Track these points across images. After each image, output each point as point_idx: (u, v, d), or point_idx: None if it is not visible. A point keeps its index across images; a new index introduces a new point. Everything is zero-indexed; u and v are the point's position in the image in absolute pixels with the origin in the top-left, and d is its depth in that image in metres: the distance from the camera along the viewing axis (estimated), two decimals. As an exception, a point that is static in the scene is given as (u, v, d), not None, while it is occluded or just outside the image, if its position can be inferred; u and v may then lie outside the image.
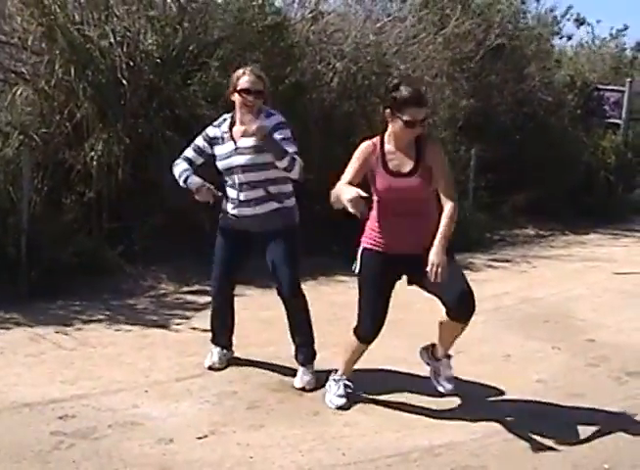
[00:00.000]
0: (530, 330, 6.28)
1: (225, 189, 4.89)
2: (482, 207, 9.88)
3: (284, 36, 7.99)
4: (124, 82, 7.06)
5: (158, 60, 7.27)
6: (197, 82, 7.37)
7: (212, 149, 4.88)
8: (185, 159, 4.96)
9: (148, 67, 7.23)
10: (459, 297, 4.25)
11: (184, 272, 7.17)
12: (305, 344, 4.96)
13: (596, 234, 10.79)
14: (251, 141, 4.69)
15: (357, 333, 4.57)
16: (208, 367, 5.06)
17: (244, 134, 4.66)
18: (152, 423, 4.31)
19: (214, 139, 4.87)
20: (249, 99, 4.72)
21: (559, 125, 11.65)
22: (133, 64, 7.13)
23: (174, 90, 7.30)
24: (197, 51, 7.56)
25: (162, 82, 7.26)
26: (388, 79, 9.00)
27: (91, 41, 7.00)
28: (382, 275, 4.43)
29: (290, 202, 4.86)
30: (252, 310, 5.88)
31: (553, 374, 5.33)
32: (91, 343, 5.51)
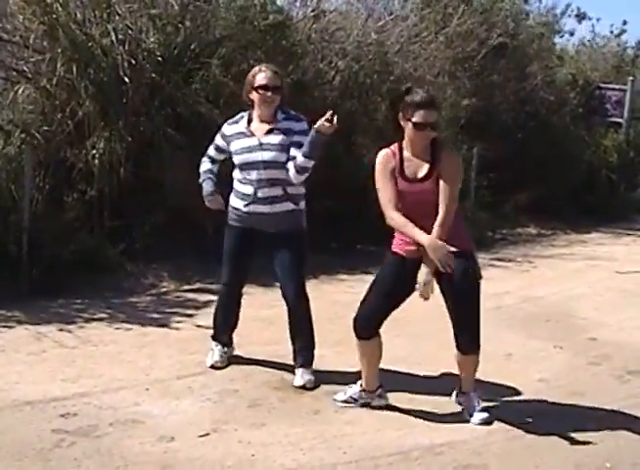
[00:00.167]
0: (532, 329, 6.27)
1: (237, 185, 4.88)
2: (484, 205, 9.88)
3: (286, 35, 7.98)
4: (126, 81, 7.06)
5: (159, 58, 7.27)
6: (198, 81, 7.37)
7: (229, 146, 4.88)
8: (208, 157, 5.07)
9: (150, 65, 7.23)
10: (464, 328, 4.38)
11: (185, 270, 7.17)
12: (306, 347, 4.94)
13: (598, 233, 10.78)
14: (277, 138, 4.71)
15: (354, 324, 4.52)
16: (210, 366, 5.06)
17: (269, 133, 4.70)
18: (153, 421, 4.31)
19: (231, 136, 4.87)
20: (267, 95, 4.72)
21: (561, 124, 11.65)
22: (135, 62, 7.13)
23: (176, 89, 7.29)
24: (198, 49, 7.56)
25: (164, 81, 7.26)
26: (390, 78, 9.03)
27: (93, 39, 7.00)
28: (396, 278, 4.42)
29: (302, 204, 4.86)
30: (254, 309, 5.87)
31: (555, 373, 5.33)
32: (92, 341, 5.51)
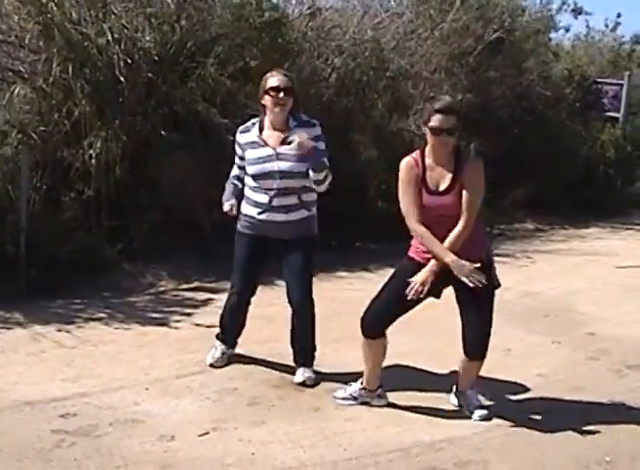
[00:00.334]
0: (531, 324, 6.28)
1: (249, 193, 4.86)
2: (482, 201, 9.85)
3: (282, 33, 7.96)
4: (122, 80, 7.05)
5: (155, 57, 7.25)
6: (195, 79, 7.36)
7: (244, 153, 4.86)
8: (234, 177, 5.00)
9: (146, 64, 7.21)
10: (472, 342, 4.39)
11: (184, 269, 7.17)
12: (306, 348, 4.95)
13: (595, 228, 10.78)
14: (293, 148, 4.69)
15: (362, 323, 4.52)
16: (210, 365, 5.06)
17: (283, 142, 4.68)
18: (153, 420, 4.31)
19: (246, 144, 4.84)
20: (280, 96, 4.69)
21: (557, 120, 11.63)
22: (131, 61, 7.11)
23: (172, 87, 7.28)
24: (195, 48, 7.55)
25: (160, 80, 7.25)
26: (387, 75, 9.02)
27: (89, 39, 6.98)
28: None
29: (314, 210, 4.85)
30: (253, 307, 5.84)
31: (553, 368, 5.34)
32: (91, 341, 5.50)
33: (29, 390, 4.60)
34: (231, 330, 5.15)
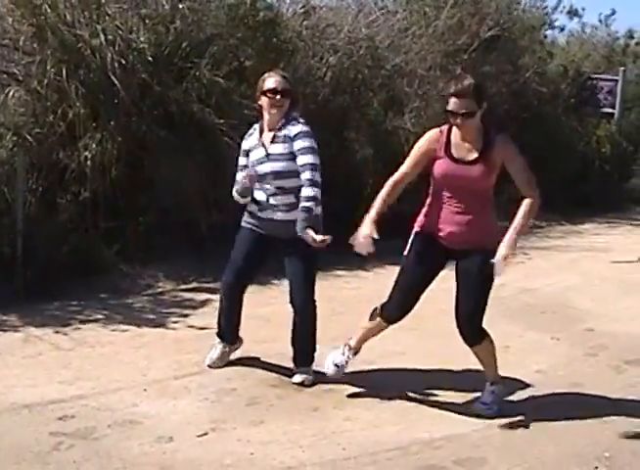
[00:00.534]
0: (529, 321, 6.28)
1: (254, 190, 4.85)
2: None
3: (276, 32, 7.96)
4: (117, 81, 7.03)
5: (150, 58, 7.24)
6: (189, 80, 7.35)
7: (248, 159, 4.86)
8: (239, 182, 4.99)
9: (140, 65, 7.20)
10: (462, 318, 4.40)
11: (181, 270, 7.16)
12: (306, 349, 4.93)
13: (592, 224, 10.79)
14: (281, 148, 4.69)
15: (382, 311, 4.57)
16: (208, 366, 5.05)
17: (273, 140, 4.70)
18: (151, 422, 4.30)
19: (250, 149, 4.84)
20: (276, 98, 4.70)
21: (553, 116, 11.63)
22: (125, 62, 7.10)
23: (167, 88, 7.27)
24: (189, 49, 7.54)
25: (155, 81, 7.24)
26: (382, 73, 9.02)
27: (83, 40, 6.97)
28: (426, 259, 4.43)
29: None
30: (251, 307, 5.84)
31: (552, 364, 5.34)
32: (89, 342, 5.49)
33: (27, 392, 4.59)
34: (225, 325, 5.10)
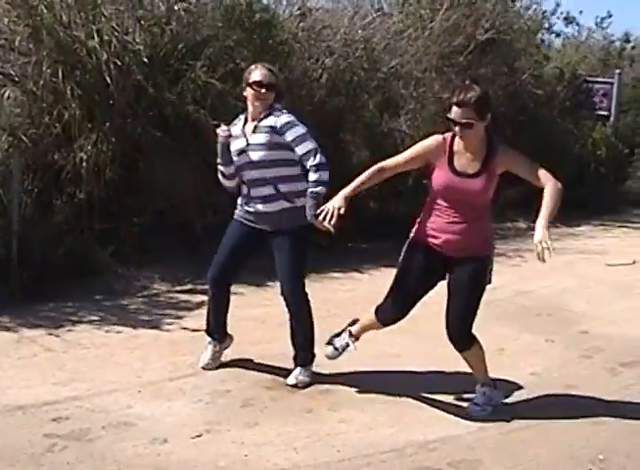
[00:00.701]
0: (524, 323, 6.28)
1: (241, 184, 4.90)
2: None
3: (272, 34, 7.97)
4: (112, 83, 7.03)
5: (145, 59, 7.24)
6: (185, 82, 7.34)
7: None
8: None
9: (136, 66, 7.20)
10: (452, 325, 4.40)
11: (176, 272, 7.15)
12: (304, 347, 4.92)
13: (588, 226, 10.80)
14: (262, 137, 4.69)
15: (377, 313, 4.59)
16: (202, 368, 5.04)
17: (254, 130, 4.70)
18: (145, 423, 4.29)
19: (232, 137, 4.84)
20: (261, 91, 4.70)
21: (549, 118, 11.64)
22: (121, 64, 7.10)
23: (162, 90, 7.27)
24: (185, 50, 7.54)
25: (150, 82, 7.24)
26: (378, 75, 9.02)
27: (78, 41, 6.97)
28: (420, 267, 4.42)
29: (300, 201, 4.70)
30: (245, 308, 5.86)
31: (547, 367, 5.34)
32: (83, 344, 5.48)
33: (21, 394, 4.58)
34: (213, 322, 5.07)
